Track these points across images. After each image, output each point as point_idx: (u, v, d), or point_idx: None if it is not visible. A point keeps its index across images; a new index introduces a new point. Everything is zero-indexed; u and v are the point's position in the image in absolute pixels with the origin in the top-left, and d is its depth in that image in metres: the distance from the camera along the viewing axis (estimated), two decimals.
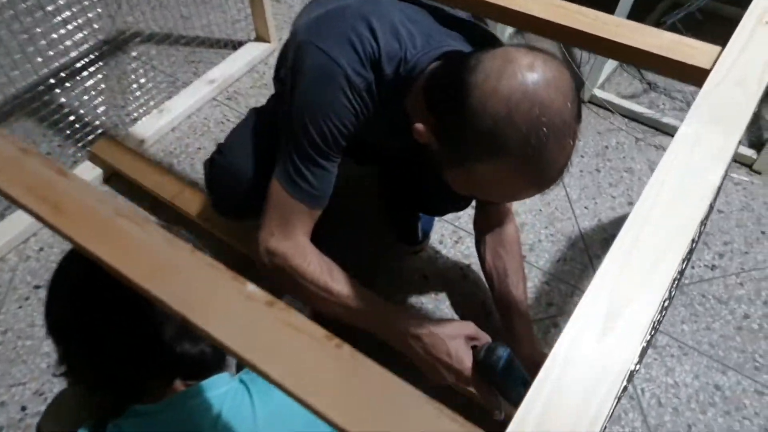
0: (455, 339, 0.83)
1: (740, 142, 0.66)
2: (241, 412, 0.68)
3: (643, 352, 0.65)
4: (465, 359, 0.82)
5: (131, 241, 0.52)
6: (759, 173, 1.60)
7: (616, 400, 0.48)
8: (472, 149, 0.70)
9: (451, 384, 0.86)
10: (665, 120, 1.69)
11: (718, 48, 0.75)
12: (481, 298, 1.31)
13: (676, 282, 0.66)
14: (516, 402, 0.91)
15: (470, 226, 1.34)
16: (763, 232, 1.47)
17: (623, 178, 1.58)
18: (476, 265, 1.35)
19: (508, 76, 0.66)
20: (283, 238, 0.85)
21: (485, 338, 0.86)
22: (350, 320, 0.86)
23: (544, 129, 0.66)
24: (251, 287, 0.49)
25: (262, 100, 1.24)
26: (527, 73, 0.66)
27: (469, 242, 1.41)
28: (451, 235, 1.43)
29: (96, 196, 0.55)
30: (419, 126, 0.76)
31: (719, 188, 0.68)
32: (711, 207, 0.65)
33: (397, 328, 0.84)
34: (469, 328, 0.85)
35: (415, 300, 1.30)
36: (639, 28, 0.81)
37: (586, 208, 1.51)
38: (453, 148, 0.73)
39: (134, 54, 1.88)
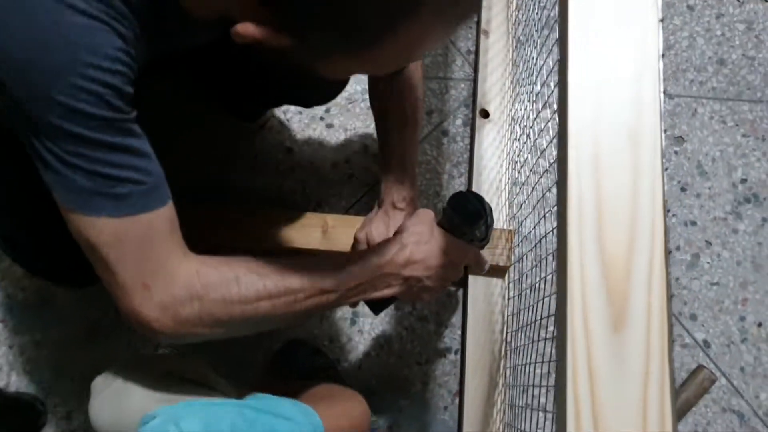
0: (432, 237, 0.70)
1: None
2: None
3: None
4: (459, 248, 0.72)
5: None
6: None
7: None
8: (370, 30, 0.45)
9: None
10: None
11: None
12: (356, 140, 1.13)
13: None
14: (489, 231, 0.80)
15: None
16: None
17: None
18: (335, 107, 1.15)
19: None
20: (167, 281, 0.54)
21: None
22: (327, 305, 0.66)
23: None
24: None
25: None
26: None
27: None
28: None
29: None
30: (249, 28, 0.46)
31: None
32: None
33: (387, 268, 0.68)
34: (428, 214, 0.72)
35: (298, 182, 1.10)
36: None
37: None
38: (334, 40, 0.47)
39: None
